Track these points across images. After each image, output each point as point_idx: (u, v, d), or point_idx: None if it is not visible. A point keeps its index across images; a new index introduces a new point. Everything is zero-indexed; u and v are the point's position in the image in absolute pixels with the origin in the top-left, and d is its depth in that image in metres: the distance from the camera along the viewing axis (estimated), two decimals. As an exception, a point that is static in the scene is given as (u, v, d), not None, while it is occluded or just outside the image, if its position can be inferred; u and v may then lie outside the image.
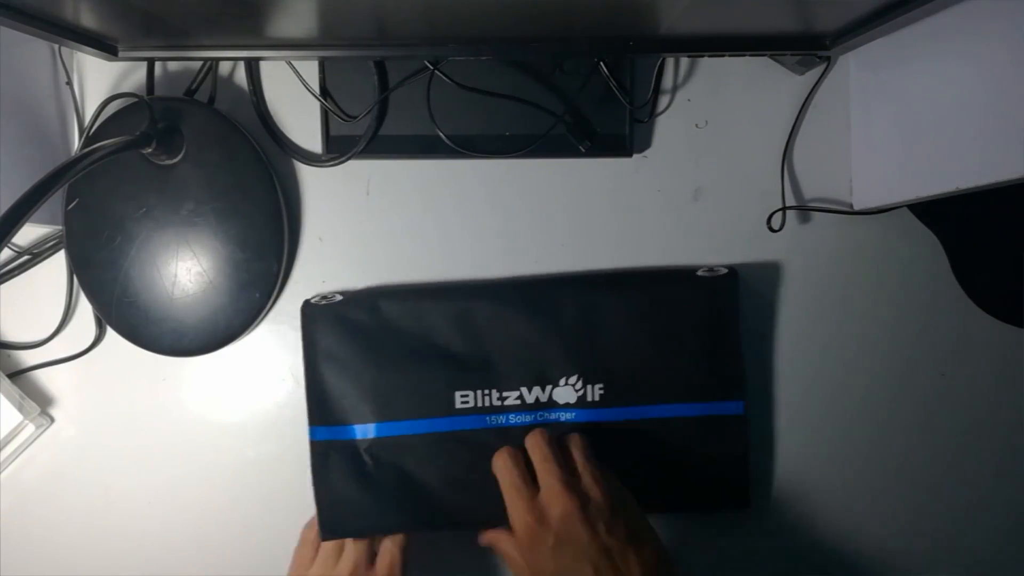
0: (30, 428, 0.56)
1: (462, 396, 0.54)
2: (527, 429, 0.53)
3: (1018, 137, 0.41)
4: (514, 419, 0.54)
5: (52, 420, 0.58)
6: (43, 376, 0.58)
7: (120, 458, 0.58)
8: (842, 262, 0.58)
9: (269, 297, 0.55)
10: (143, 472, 0.58)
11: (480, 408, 0.54)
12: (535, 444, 0.50)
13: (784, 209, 0.57)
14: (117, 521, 0.58)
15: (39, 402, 0.57)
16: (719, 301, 0.55)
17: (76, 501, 0.58)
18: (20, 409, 0.55)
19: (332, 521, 0.54)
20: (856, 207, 0.57)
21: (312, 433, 0.54)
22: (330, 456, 0.54)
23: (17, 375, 0.58)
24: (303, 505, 0.57)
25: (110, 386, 0.58)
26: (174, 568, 0.58)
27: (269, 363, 0.58)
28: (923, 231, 0.57)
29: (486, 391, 0.54)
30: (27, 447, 0.58)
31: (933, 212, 0.56)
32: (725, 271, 0.55)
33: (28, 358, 0.58)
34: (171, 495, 0.58)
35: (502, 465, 0.50)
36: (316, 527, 0.54)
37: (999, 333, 0.57)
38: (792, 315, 0.58)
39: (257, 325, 0.57)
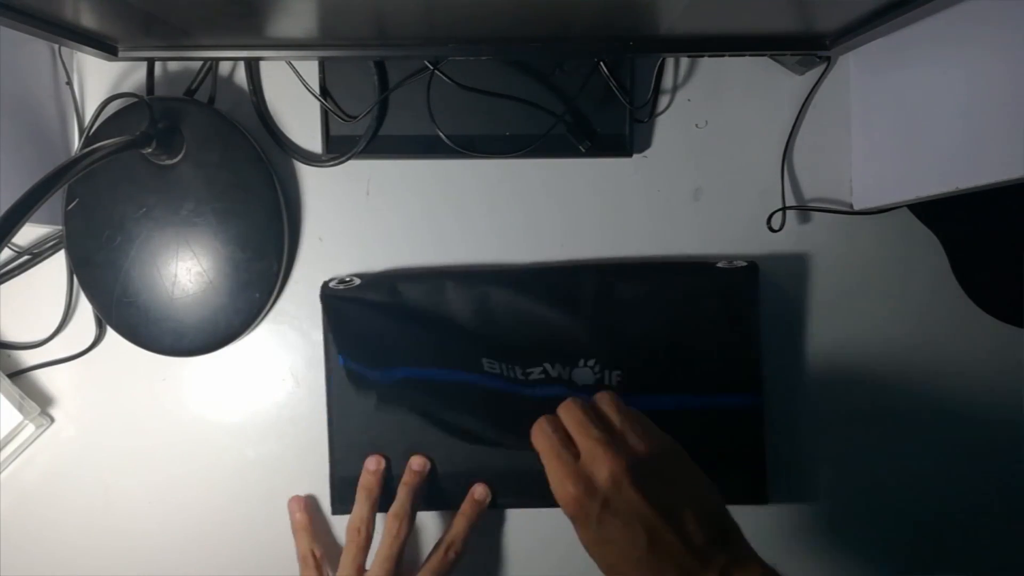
0: (30, 428, 0.56)
1: (489, 362, 0.54)
2: (555, 401, 0.52)
3: (1017, 137, 0.41)
4: (540, 391, 0.54)
5: (52, 420, 0.58)
6: (43, 376, 0.58)
7: (120, 458, 0.58)
8: (842, 262, 0.57)
9: (269, 297, 0.55)
10: (143, 472, 0.58)
11: (508, 378, 0.54)
12: (567, 411, 0.46)
13: (784, 209, 0.57)
14: (117, 521, 0.58)
15: (39, 402, 0.57)
16: (738, 294, 0.55)
17: (76, 501, 0.58)
18: (20, 409, 0.55)
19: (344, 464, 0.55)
20: (856, 207, 0.57)
21: (341, 360, 0.54)
22: (356, 380, 0.54)
23: (17, 375, 0.58)
24: (303, 505, 0.57)
25: (110, 386, 0.58)
26: (174, 568, 0.58)
27: (269, 363, 0.58)
28: (923, 231, 0.57)
29: (509, 365, 0.54)
30: (27, 447, 0.58)
31: (933, 212, 0.56)
32: (744, 264, 0.55)
33: (28, 358, 0.58)
34: (171, 495, 0.58)
35: (539, 433, 0.45)
36: (307, 548, 0.54)
37: (999, 333, 0.57)
38: (792, 315, 0.58)
39: (257, 325, 0.57)
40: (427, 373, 0.54)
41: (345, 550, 0.53)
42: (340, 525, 0.57)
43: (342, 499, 0.56)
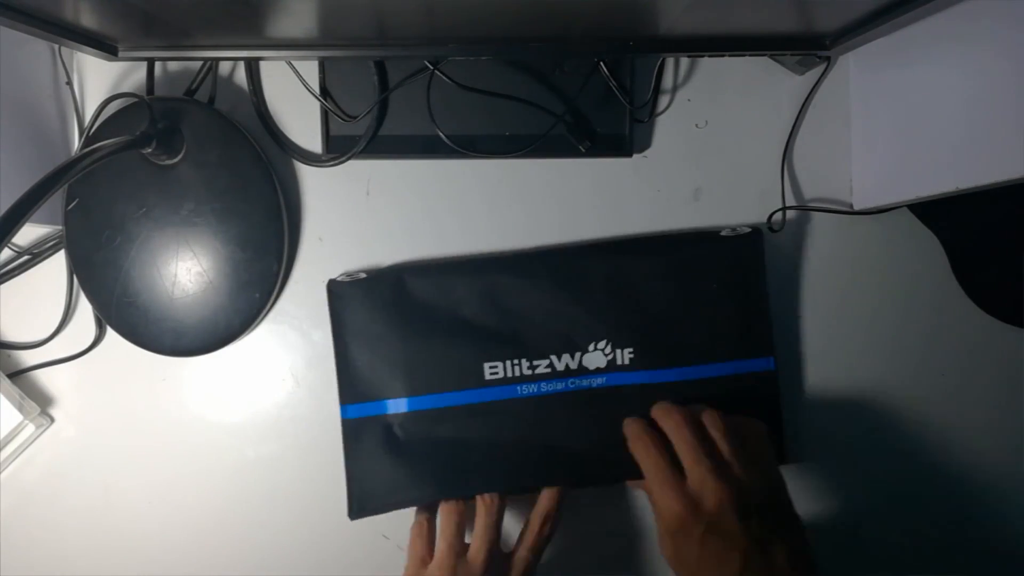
0: (30, 428, 0.56)
1: (491, 367, 0.54)
2: (560, 396, 0.54)
3: (1018, 137, 0.41)
4: (546, 387, 0.54)
5: (52, 420, 0.58)
6: (43, 376, 0.58)
7: (120, 458, 0.58)
8: (842, 262, 0.57)
9: (269, 297, 0.55)
10: (143, 472, 0.58)
11: (510, 378, 0.54)
12: (674, 427, 0.48)
13: (784, 209, 0.57)
14: (117, 521, 0.58)
15: (39, 402, 0.57)
16: (743, 259, 0.55)
17: (76, 501, 0.58)
18: (20, 409, 0.55)
19: (363, 498, 0.55)
20: (856, 207, 0.57)
21: (343, 412, 0.55)
22: (362, 434, 0.55)
23: (17, 375, 0.58)
24: (303, 505, 0.57)
25: (110, 386, 0.58)
26: (174, 568, 0.58)
27: (269, 363, 0.58)
28: (923, 231, 0.57)
29: (515, 361, 0.54)
30: (27, 447, 0.58)
31: (933, 212, 0.56)
32: (748, 230, 0.55)
33: (28, 358, 0.58)
34: (171, 495, 0.58)
35: (643, 450, 0.49)
36: (423, 527, 0.53)
37: (999, 333, 0.57)
38: (791, 314, 0.57)
39: (257, 325, 0.57)
40: (428, 401, 0.54)
41: (445, 521, 0.52)
42: (354, 527, 0.57)
43: (362, 508, 0.55)
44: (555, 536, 0.53)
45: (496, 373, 0.54)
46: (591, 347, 0.55)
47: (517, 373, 0.54)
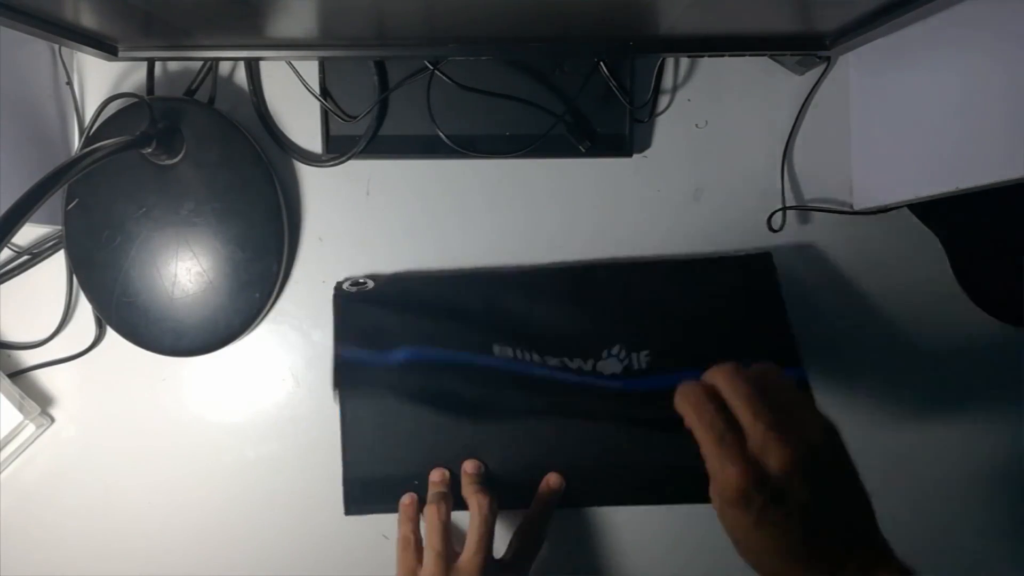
0: (30, 428, 0.56)
1: (500, 348, 0.53)
2: (570, 387, 0.52)
3: (1017, 137, 0.41)
4: (559, 376, 0.52)
5: (52, 420, 0.58)
6: (43, 376, 0.58)
7: (120, 458, 0.58)
8: (842, 262, 0.58)
9: (269, 297, 0.55)
10: (143, 472, 0.58)
11: (521, 360, 0.53)
12: (726, 380, 0.41)
13: (784, 209, 0.57)
14: (117, 521, 0.58)
15: (39, 402, 0.57)
16: (754, 273, 0.55)
17: (76, 501, 0.58)
18: (20, 409, 0.55)
19: (359, 482, 0.54)
20: (856, 207, 0.57)
21: (343, 354, 0.53)
22: (357, 374, 0.53)
23: (17, 375, 0.58)
24: (303, 505, 0.57)
25: (110, 386, 0.58)
26: (174, 568, 0.58)
27: (269, 363, 0.58)
28: (923, 231, 0.57)
29: (525, 351, 0.53)
30: (27, 447, 0.58)
31: (933, 212, 0.56)
32: (756, 253, 0.56)
33: (28, 358, 0.58)
34: (171, 495, 0.58)
35: (692, 407, 0.41)
36: (409, 541, 0.53)
37: (999, 333, 0.57)
38: (791, 315, 0.57)
39: (257, 325, 0.57)
40: (431, 354, 0.52)
41: (430, 528, 0.51)
42: (355, 527, 0.57)
43: (356, 500, 0.55)
44: (545, 548, 0.53)
45: (507, 354, 0.53)
46: (604, 353, 0.54)
47: (527, 358, 0.53)
